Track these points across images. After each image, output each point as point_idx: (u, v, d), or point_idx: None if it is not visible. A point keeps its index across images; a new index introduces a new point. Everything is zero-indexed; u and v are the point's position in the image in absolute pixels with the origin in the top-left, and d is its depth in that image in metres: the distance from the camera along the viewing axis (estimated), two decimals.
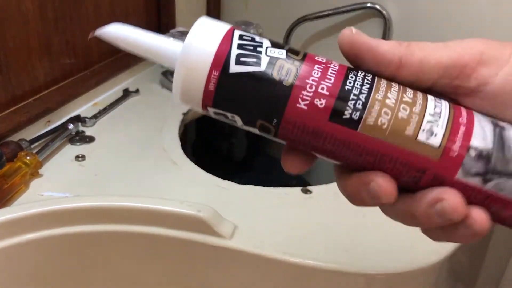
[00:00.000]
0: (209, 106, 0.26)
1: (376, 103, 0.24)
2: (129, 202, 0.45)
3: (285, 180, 0.94)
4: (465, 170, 0.24)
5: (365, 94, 0.25)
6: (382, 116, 0.24)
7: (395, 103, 0.25)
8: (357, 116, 0.24)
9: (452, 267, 0.48)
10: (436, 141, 0.24)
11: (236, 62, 0.25)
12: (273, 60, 0.25)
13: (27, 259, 0.45)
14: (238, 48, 0.25)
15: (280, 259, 0.43)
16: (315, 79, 0.25)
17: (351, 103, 0.24)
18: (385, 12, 0.78)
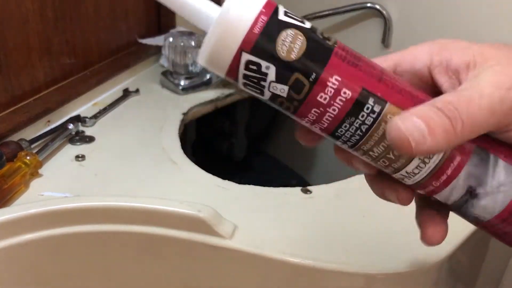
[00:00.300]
0: (245, 52, 0.25)
1: (360, 150, 0.27)
2: (129, 202, 0.45)
3: (285, 180, 0.94)
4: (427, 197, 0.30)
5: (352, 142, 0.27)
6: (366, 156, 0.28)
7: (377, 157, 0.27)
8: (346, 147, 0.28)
9: (452, 267, 0.48)
10: (408, 182, 0.29)
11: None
12: (274, 96, 0.26)
13: (27, 259, 0.45)
14: (244, 79, 0.26)
15: (280, 259, 0.43)
16: (310, 120, 0.26)
17: (339, 141, 0.27)
18: (385, 12, 0.78)
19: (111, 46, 0.78)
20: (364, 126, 0.26)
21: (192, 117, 0.74)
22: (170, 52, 0.75)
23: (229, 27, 0.25)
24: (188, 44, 0.75)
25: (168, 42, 0.75)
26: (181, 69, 0.76)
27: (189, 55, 0.75)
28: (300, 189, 0.53)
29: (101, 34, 0.75)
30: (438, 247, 0.45)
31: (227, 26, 0.25)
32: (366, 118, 0.26)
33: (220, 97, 0.77)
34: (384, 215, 0.50)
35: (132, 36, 0.83)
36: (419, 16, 0.76)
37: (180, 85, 0.76)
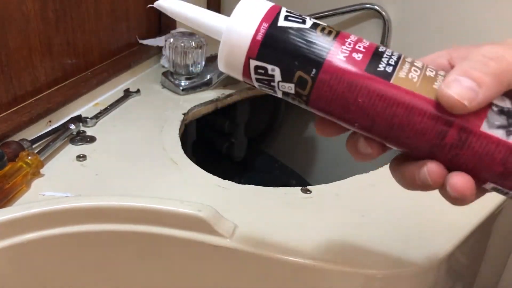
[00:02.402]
0: (252, 59, 0.28)
1: (406, 64, 0.28)
2: (130, 202, 0.45)
3: (285, 180, 0.94)
4: (489, 122, 0.26)
5: (396, 56, 0.28)
6: (412, 72, 0.27)
7: (422, 66, 0.28)
8: (390, 69, 0.27)
9: (451, 267, 0.49)
10: None
11: (284, 19, 0.28)
12: (316, 24, 0.28)
13: (27, 259, 0.46)
14: (287, 12, 0.28)
15: (280, 259, 0.43)
16: (352, 41, 0.28)
17: (384, 59, 0.27)
18: (384, 13, 0.78)
19: (112, 46, 0.78)
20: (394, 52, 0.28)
21: (193, 117, 0.74)
22: (171, 52, 0.76)
23: (236, 38, 0.28)
24: (188, 44, 0.75)
25: (168, 43, 0.75)
26: (182, 70, 0.76)
27: (190, 56, 0.75)
28: (300, 189, 0.54)
29: (102, 35, 0.75)
30: (437, 247, 0.45)
31: (234, 38, 0.28)
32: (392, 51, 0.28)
33: (220, 97, 0.77)
34: (383, 215, 0.50)
35: (133, 37, 0.83)
36: (418, 17, 0.76)
37: (181, 86, 0.76)
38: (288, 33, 0.28)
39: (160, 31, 0.88)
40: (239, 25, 0.28)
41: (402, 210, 0.51)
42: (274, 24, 0.28)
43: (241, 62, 0.29)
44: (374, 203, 0.52)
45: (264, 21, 0.28)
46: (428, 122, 0.27)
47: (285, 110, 1.01)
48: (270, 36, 0.28)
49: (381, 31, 0.80)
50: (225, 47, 0.29)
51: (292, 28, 0.28)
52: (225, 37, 0.29)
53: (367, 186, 0.55)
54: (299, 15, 0.29)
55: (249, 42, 0.28)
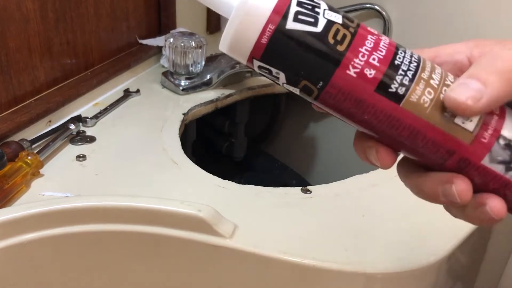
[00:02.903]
0: (256, 59, 0.26)
1: (422, 82, 0.25)
2: (130, 202, 0.45)
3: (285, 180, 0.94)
4: (491, 156, 0.25)
5: (413, 71, 0.25)
6: (425, 95, 0.25)
7: (439, 84, 0.25)
8: (403, 91, 0.25)
9: (452, 267, 0.48)
10: (471, 126, 0.25)
11: (294, 19, 0.25)
12: (330, 23, 0.25)
13: (27, 259, 0.46)
14: (297, 5, 0.25)
15: (280, 259, 0.43)
16: (367, 48, 0.25)
17: (399, 78, 0.25)
18: (384, 13, 0.78)
19: (111, 46, 0.78)
20: (415, 55, 0.26)
21: (192, 117, 0.74)
22: (171, 52, 0.75)
23: (243, 27, 0.25)
24: (188, 44, 0.75)
25: (168, 43, 0.75)
26: (182, 70, 0.76)
27: (190, 56, 0.75)
28: (300, 189, 0.54)
29: (101, 35, 0.75)
30: (437, 247, 0.45)
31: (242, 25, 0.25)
32: (412, 53, 0.26)
33: (220, 97, 0.77)
34: (384, 215, 0.50)
35: (133, 37, 0.83)
36: (418, 17, 0.76)
37: (181, 85, 0.76)
38: (295, 39, 0.25)
39: (160, 31, 0.88)
40: (244, 24, 0.25)
41: (402, 210, 0.51)
42: (281, 26, 0.25)
43: (245, 57, 0.26)
44: (374, 203, 0.52)
45: (270, 21, 0.25)
46: (431, 148, 0.26)
47: (285, 110, 1.01)
48: (275, 41, 0.25)
49: (381, 31, 0.80)
50: (233, 26, 0.25)
51: (300, 32, 0.25)
52: (235, 14, 0.25)
53: (367, 186, 0.55)
54: (312, 8, 0.25)
55: (253, 45, 0.25)
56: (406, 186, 0.29)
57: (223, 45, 0.26)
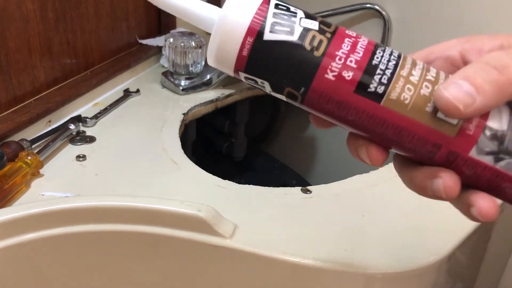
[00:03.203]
0: (240, 71, 0.27)
1: (401, 79, 0.26)
2: (130, 202, 0.45)
3: (285, 180, 0.94)
4: (479, 148, 0.25)
5: (391, 70, 0.26)
6: (405, 92, 0.25)
7: (418, 80, 0.26)
8: (382, 90, 0.26)
9: (452, 267, 0.48)
10: (455, 121, 0.25)
11: (270, 30, 0.26)
12: (305, 31, 0.26)
13: (27, 259, 0.45)
14: (274, 17, 0.26)
15: (280, 259, 0.43)
16: (344, 52, 0.26)
17: (377, 77, 0.25)
18: (384, 13, 0.78)
19: (111, 46, 0.78)
20: (395, 53, 0.26)
21: (192, 117, 0.74)
22: (171, 52, 0.75)
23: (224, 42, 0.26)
24: (188, 44, 0.75)
25: (168, 43, 0.75)
26: (181, 70, 0.76)
27: (189, 56, 0.75)
28: (300, 189, 0.54)
29: (101, 35, 0.75)
30: (437, 247, 0.45)
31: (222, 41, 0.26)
32: (392, 50, 0.26)
33: (220, 97, 0.77)
34: (384, 215, 0.50)
35: (133, 37, 0.83)
36: (419, 17, 0.76)
37: (181, 85, 0.76)
38: (274, 48, 0.26)
39: (160, 31, 0.88)
40: (224, 39, 0.26)
41: (402, 210, 0.51)
42: (259, 38, 0.26)
43: (231, 70, 0.27)
44: (374, 203, 0.52)
45: (248, 34, 0.26)
46: (417, 143, 0.26)
47: (285, 110, 1.01)
48: (255, 52, 0.26)
49: (381, 31, 0.80)
50: (215, 42, 0.27)
51: (278, 42, 0.26)
52: (216, 30, 0.27)
53: (367, 186, 0.55)
54: (288, 18, 0.26)
55: (235, 58, 0.26)
56: (400, 178, 0.29)
57: (209, 59, 0.28)
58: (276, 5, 0.26)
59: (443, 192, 0.26)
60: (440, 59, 0.29)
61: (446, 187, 0.26)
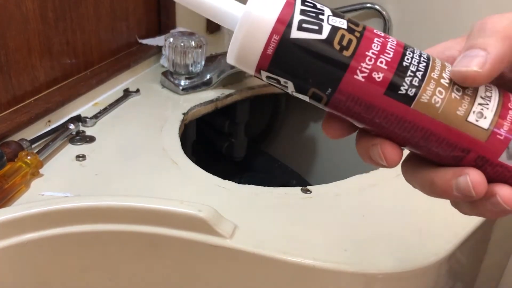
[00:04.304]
0: (263, 70, 0.26)
1: (432, 82, 0.25)
2: (129, 202, 0.45)
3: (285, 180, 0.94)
4: (509, 153, 0.25)
5: (422, 71, 0.25)
6: (436, 95, 0.25)
7: (449, 83, 0.25)
8: (413, 92, 0.25)
9: (452, 267, 0.48)
10: (485, 124, 0.25)
11: (298, 28, 0.25)
12: (334, 29, 0.25)
13: (27, 259, 0.45)
14: (301, 14, 0.25)
15: (280, 259, 0.43)
16: (374, 52, 0.25)
17: (408, 79, 0.25)
18: (384, 13, 0.78)
19: (111, 46, 0.78)
20: (424, 54, 0.26)
21: (192, 117, 0.74)
22: (171, 52, 0.75)
23: (248, 39, 0.25)
24: (188, 44, 0.75)
25: (168, 43, 0.75)
26: (181, 69, 0.76)
27: (189, 55, 0.75)
28: (300, 189, 0.53)
29: (101, 34, 0.75)
30: (437, 247, 0.45)
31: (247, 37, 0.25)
32: (421, 52, 0.26)
33: (220, 97, 0.77)
34: (384, 215, 0.50)
35: (133, 37, 0.83)
36: (419, 16, 0.76)
37: (180, 85, 0.76)
38: (301, 47, 0.25)
39: (160, 31, 0.88)
40: (248, 36, 0.25)
41: (403, 210, 0.51)
42: (286, 36, 0.24)
43: (252, 69, 0.26)
44: (375, 203, 0.52)
45: (274, 32, 0.24)
46: (446, 148, 0.26)
47: (285, 110, 1.01)
48: (281, 51, 0.25)
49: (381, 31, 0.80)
50: (238, 39, 0.25)
51: (306, 40, 0.24)
52: (240, 27, 0.25)
53: (368, 186, 0.55)
54: (315, 15, 0.25)
55: (259, 56, 0.25)
56: (414, 184, 0.28)
57: (230, 58, 0.26)
58: (303, 1, 0.25)
59: (472, 188, 0.25)
60: None
61: (475, 183, 0.25)
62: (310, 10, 0.25)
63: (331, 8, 0.26)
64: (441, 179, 0.26)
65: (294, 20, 0.25)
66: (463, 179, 0.25)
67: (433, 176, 0.26)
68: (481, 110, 0.25)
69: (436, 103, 0.25)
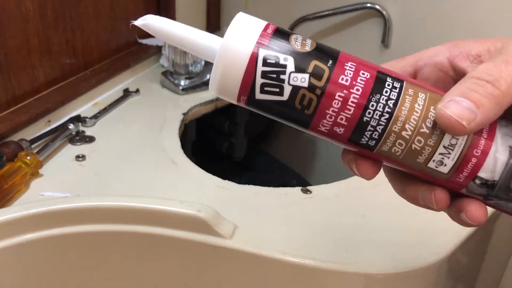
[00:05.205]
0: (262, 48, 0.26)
1: (392, 135, 0.26)
2: (129, 202, 0.45)
3: (285, 180, 0.94)
4: (469, 190, 0.27)
5: (383, 125, 0.26)
6: (396, 146, 0.26)
7: (411, 135, 0.26)
8: (373, 143, 0.26)
9: (452, 267, 0.48)
10: (445, 170, 0.26)
11: (260, 91, 0.26)
12: (295, 90, 0.25)
13: (27, 259, 0.45)
14: (262, 77, 0.26)
15: (280, 259, 0.43)
16: (334, 109, 0.26)
17: (367, 133, 0.26)
18: (385, 12, 0.78)
19: (111, 46, 0.78)
20: (390, 101, 0.26)
21: (192, 117, 0.74)
22: (170, 52, 0.75)
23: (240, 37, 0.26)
24: None
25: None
26: (181, 69, 0.76)
27: (189, 55, 0.75)
28: (300, 189, 0.53)
29: (101, 34, 0.75)
30: (437, 247, 0.45)
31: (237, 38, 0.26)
32: (390, 93, 0.26)
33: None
34: (384, 215, 0.50)
35: (132, 36, 0.83)
36: (419, 16, 0.76)
37: (180, 85, 0.76)
38: (266, 107, 0.26)
39: None
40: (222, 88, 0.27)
41: (403, 210, 0.50)
42: (251, 97, 0.26)
43: (248, 54, 0.26)
44: (375, 204, 0.52)
45: (241, 93, 0.26)
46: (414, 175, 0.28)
47: None
48: (251, 105, 0.27)
49: (381, 31, 0.79)
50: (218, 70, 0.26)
51: (269, 102, 0.26)
52: (218, 60, 0.26)
53: (368, 186, 0.55)
54: (277, 76, 0.25)
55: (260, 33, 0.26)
56: (391, 184, 0.31)
57: (212, 89, 0.27)
58: (265, 60, 0.25)
59: (434, 203, 0.27)
60: (429, 66, 0.30)
61: (437, 200, 0.27)
62: (271, 70, 0.25)
63: (296, 52, 0.26)
64: (412, 187, 0.29)
65: (256, 84, 0.26)
66: (428, 194, 0.28)
67: (404, 185, 0.29)
68: (441, 159, 0.26)
69: (396, 152, 0.26)
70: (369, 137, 0.26)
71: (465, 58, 0.29)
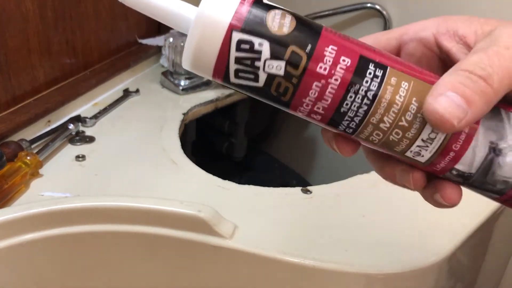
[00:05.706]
0: (236, 30, 0.24)
1: (369, 126, 0.25)
2: (129, 202, 0.45)
3: (285, 180, 0.94)
4: (446, 176, 0.27)
5: (360, 117, 0.25)
6: (373, 136, 0.26)
7: (389, 127, 0.25)
8: (350, 131, 0.26)
9: (452, 267, 0.48)
10: (422, 160, 0.26)
11: (235, 76, 0.25)
12: (271, 78, 0.24)
13: (27, 259, 0.45)
14: (236, 63, 0.24)
15: (280, 259, 0.43)
16: (311, 99, 0.25)
17: (345, 123, 0.25)
18: (385, 12, 0.78)
19: (111, 46, 0.78)
20: (370, 92, 0.24)
21: (192, 117, 0.74)
22: (170, 52, 0.75)
23: (214, 12, 0.24)
24: None
25: (168, 42, 0.75)
26: (181, 69, 0.76)
27: None
28: (300, 189, 0.53)
29: (101, 34, 0.75)
30: (438, 247, 0.45)
31: (211, 13, 0.24)
32: (370, 84, 0.24)
33: (220, 97, 0.77)
34: (384, 215, 0.50)
35: (132, 36, 0.83)
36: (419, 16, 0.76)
37: (180, 85, 0.76)
38: (243, 88, 0.25)
39: (160, 31, 0.88)
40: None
41: (403, 210, 0.51)
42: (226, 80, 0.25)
43: (220, 38, 0.24)
44: (375, 204, 0.52)
45: (215, 74, 0.25)
46: None
47: None
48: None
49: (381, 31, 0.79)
50: (197, 29, 0.24)
51: (244, 86, 0.25)
52: (197, 18, 0.24)
53: (368, 187, 0.55)
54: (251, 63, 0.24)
55: (233, 12, 0.24)
56: (369, 161, 0.30)
57: (185, 63, 0.26)
58: (238, 44, 0.24)
59: (411, 184, 0.27)
60: (414, 41, 0.29)
61: (415, 180, 0.27)
62: (246, 57, 0.24)
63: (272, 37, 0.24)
64: (390, 166, 0.29)
65: (230, 70, 0.24)
66: (406, 175, 0.28)
67: (385, 162, 0.29)
68: (419, 150, 0.26)
69: (374, 141, 0.26)
70: (346, 126, 0.25)
71: (451, 38, 0.28)
